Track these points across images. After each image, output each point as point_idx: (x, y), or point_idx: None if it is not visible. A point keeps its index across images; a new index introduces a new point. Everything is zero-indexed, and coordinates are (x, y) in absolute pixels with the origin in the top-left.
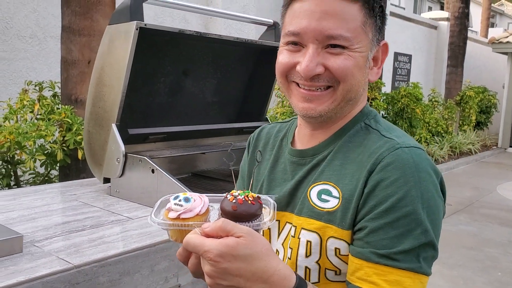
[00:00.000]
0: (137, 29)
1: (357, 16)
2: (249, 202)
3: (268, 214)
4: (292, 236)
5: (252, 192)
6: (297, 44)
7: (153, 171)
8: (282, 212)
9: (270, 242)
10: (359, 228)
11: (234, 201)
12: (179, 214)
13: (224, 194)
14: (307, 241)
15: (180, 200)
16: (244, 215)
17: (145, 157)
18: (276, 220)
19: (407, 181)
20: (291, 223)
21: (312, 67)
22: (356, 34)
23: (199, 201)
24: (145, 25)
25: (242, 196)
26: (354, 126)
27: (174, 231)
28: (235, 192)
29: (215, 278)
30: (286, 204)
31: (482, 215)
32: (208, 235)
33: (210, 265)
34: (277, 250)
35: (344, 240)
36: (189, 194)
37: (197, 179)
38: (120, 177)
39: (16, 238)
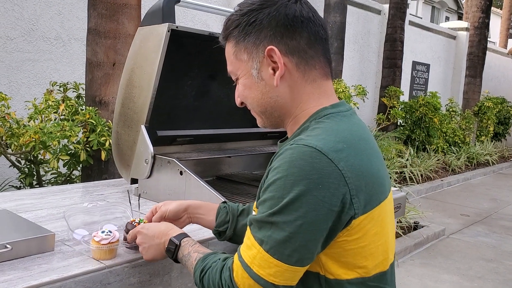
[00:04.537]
0: (168, 31)
1: (230, 51)
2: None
3: None
4: None
5: None
6: None
7: (181, 173)
8: None
9: None
10: None
11: (136, 223)
12: (110, 240)
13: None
14: None
15: (107, 232)
16: None
17: (173, 159)
18: None
19: (279, 171)
20: None
21: (236, 99)
22: (234, 65)
23: (114, 232)
24: (177, 27)
25: (141, 222)
26: (303, 126)
27: (101, 252)
28: (135, 220)
29: (143, 243)
30: None
31: (501, 227)
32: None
33: (139, 234)
34: None
35: None
36: (105, 228)
37: (222, 183)
38: (148, 178)
39: (48, 236)
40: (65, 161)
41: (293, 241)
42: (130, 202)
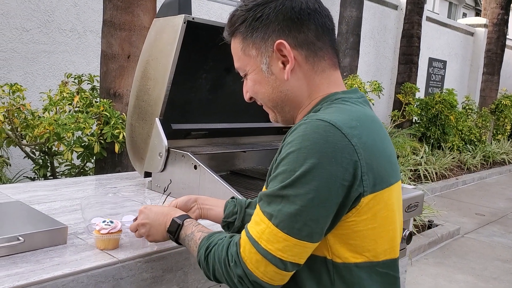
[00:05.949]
0: (184, 22)
1: (237, 47)
2: None
3: None
4: None
5: None
6: None
7: (195, 167)
8: None
9: None
10: None
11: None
12: (109, 230)
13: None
14: None
15: (108, 222)
16: None
17: (188, 153)
18: None
19: (292, 145)
20: None
21: (244, 95)
22: (242, 61)
23: (117, 222)
24: (193, 18)
25: None
26: (314, 109)
27: (101, 242)
28: None
29: (145, 223)
30: None
31: None
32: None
33: (141, 213)
34: None
35: None
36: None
37: (237, 178)
38: (161, 171)
39: (61, 229)
40: (79, 153)
41: (304, 214)
42: (164, 191)
